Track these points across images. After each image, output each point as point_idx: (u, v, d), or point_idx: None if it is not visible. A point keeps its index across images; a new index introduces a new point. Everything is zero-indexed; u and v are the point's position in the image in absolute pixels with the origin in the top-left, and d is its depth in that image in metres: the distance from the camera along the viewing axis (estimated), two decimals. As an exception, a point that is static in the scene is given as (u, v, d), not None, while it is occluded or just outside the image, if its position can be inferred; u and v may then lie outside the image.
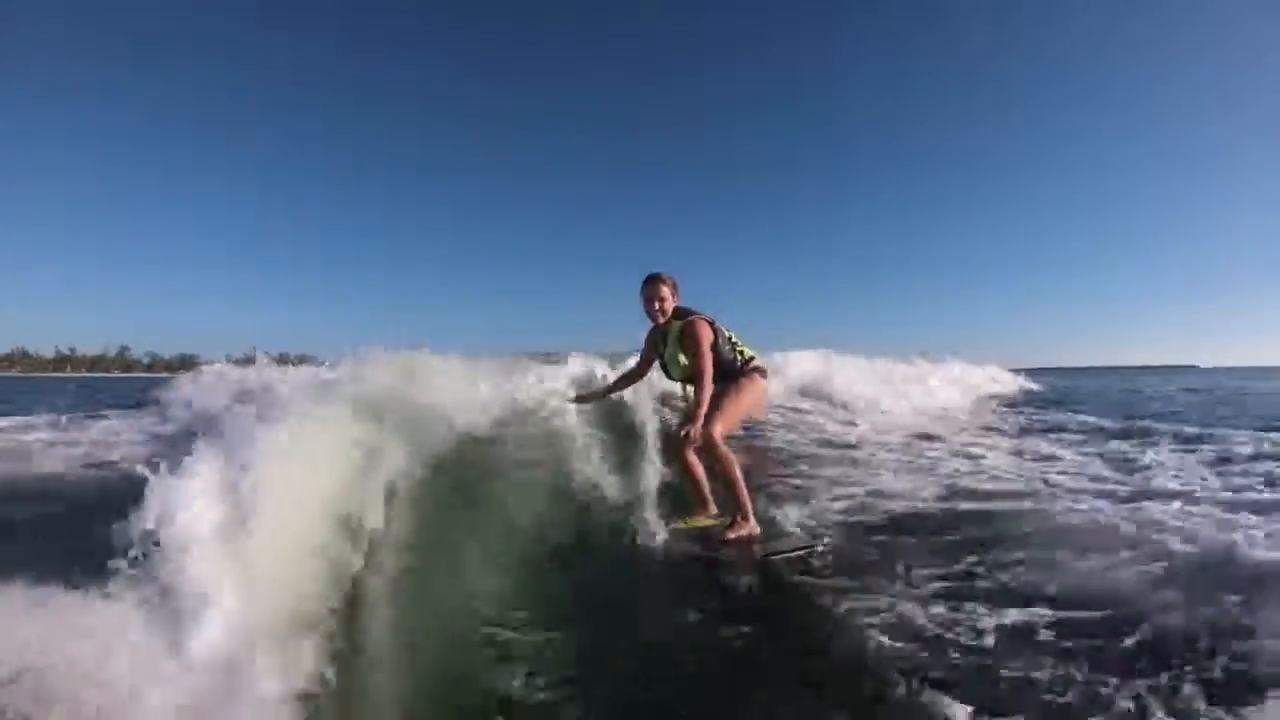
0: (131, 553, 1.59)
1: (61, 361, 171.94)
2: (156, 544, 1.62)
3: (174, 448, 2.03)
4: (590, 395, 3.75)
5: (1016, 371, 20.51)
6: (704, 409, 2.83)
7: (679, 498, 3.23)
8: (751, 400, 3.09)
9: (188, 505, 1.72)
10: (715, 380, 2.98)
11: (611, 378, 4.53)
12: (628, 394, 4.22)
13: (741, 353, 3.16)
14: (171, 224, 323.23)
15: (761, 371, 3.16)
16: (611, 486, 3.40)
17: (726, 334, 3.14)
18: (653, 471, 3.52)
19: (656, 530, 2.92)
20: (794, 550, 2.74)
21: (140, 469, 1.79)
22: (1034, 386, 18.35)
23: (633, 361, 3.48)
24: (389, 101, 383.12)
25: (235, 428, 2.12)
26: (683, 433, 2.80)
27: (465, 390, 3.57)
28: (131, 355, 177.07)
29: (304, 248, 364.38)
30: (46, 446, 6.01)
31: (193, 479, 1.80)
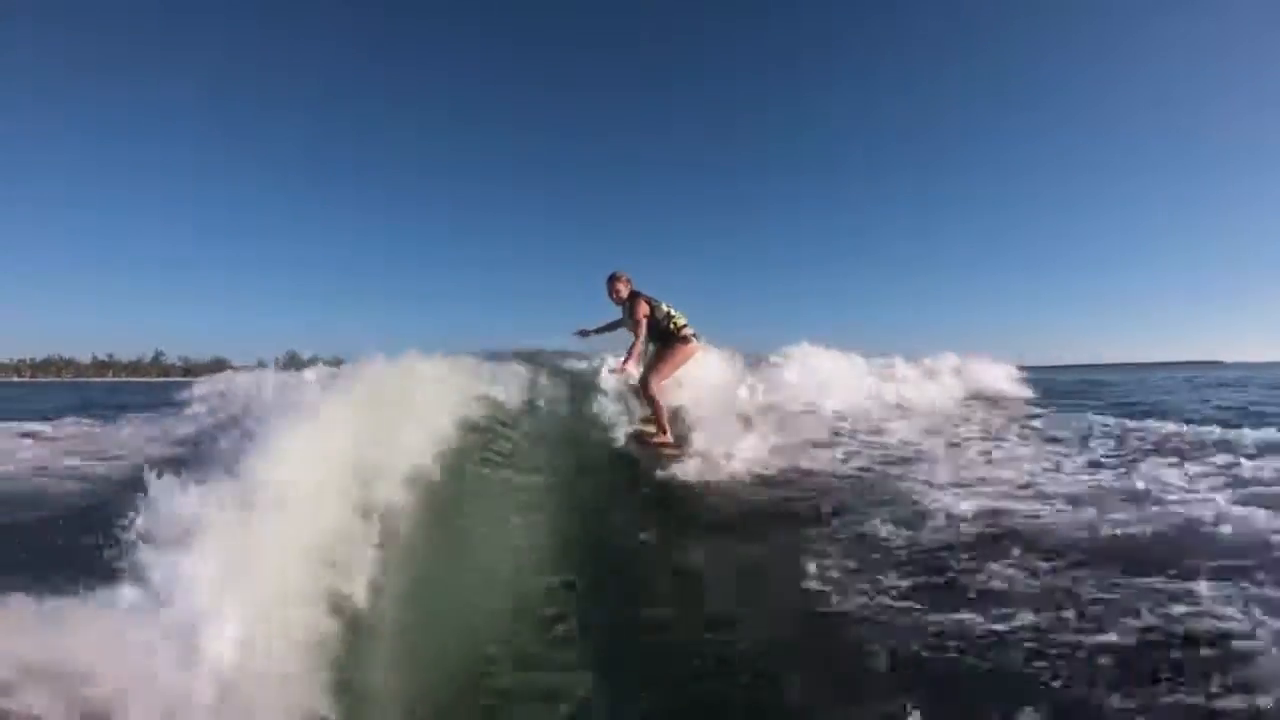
0: (134, 555, 1.57)
1: (103, 367, 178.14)
2: (158, 546, 1.59)
3: (179, 450, 2.06)
4: (588, 332, 5.29)
5: (1023, 369, 18.14)
6: (639, 346, 4.63)
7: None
8: (681, 357, 4.76)
9: (189, 508, 1.70)
10: (654, 339, 4.78)
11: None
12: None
13: (675, 321, 4.79)
14: (197, 227, 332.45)
15: (687, 338, 4.79)
16: (606, 415, 4.92)
17: (665, 309, 4.78)
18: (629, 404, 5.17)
19: (626, 437, 4.69)
20: (681, 452, 4.43)
21: (147, 472, 1.79)
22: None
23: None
24: (413, 103, 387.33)
25: (239, 430, 2.09)
26: (618, 364, 4.78)
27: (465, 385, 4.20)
28: (167, 360, 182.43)
29: (333, 250, 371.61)
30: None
31: (195, 481, 1.78)
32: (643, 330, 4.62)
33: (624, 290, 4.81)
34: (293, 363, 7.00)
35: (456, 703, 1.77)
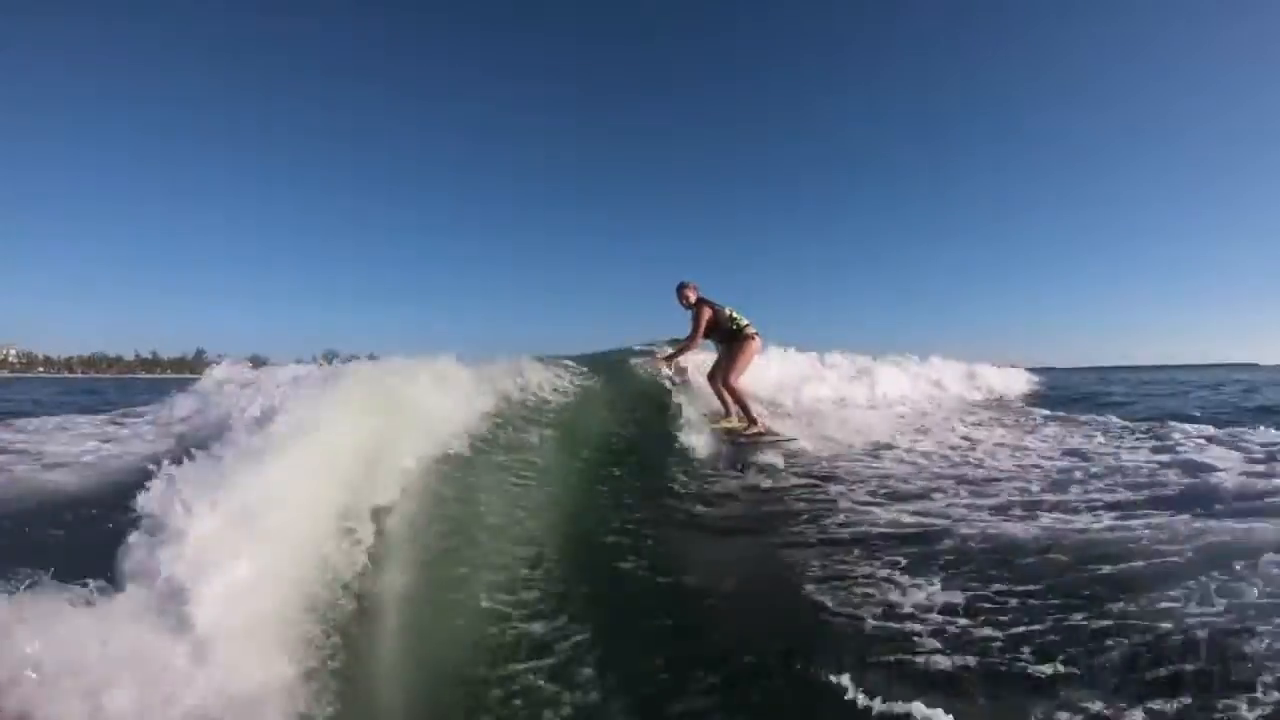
0: (133, 556, 1.58)
1: (151, 364, 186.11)
2: (158, 546, 1.57)
3: (183, 450, 2.12)
4: (671, 356, 6.12)
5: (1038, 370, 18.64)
6: (690, 346, 5.80)
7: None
8: (750, 353, 5.55)
9: (189, 508, 1.66)
10: (720, 341, 5.72)
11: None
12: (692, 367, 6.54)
13: (736, 321, 5.62)
14: (240, 225, 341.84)
15: (751, 335, 5.59)
16: (681, 409, 5.38)
17: (727, 312, 5.64)
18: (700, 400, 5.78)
19: (704, 430, 5.14)
20: (777, 438, 5.31)
21: (147, 470, 1.78)
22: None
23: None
24: (460, 100, 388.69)
25: (241, 429, 2.09)
26: (711, 373, 5.80)
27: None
28: (208, 358, 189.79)
29: (375, 248, 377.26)
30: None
31: (195, 481, 1.75)
32: (698, 335, 5.58)
33: (691, 296, 5.70)
34: (330, 360, 7.39)
35: (458, 699, 1.71)
